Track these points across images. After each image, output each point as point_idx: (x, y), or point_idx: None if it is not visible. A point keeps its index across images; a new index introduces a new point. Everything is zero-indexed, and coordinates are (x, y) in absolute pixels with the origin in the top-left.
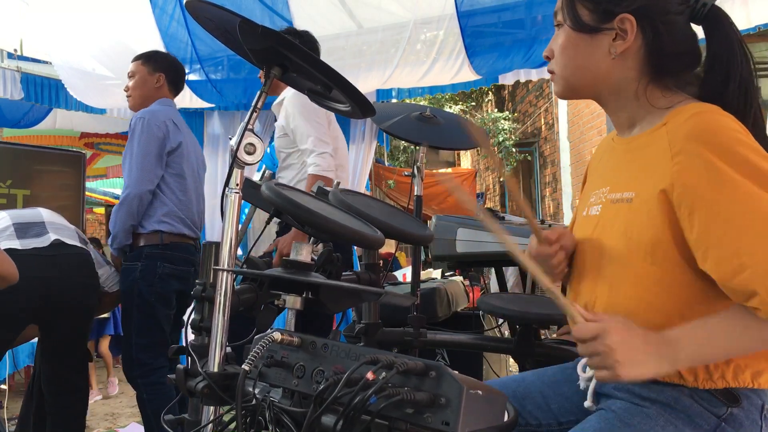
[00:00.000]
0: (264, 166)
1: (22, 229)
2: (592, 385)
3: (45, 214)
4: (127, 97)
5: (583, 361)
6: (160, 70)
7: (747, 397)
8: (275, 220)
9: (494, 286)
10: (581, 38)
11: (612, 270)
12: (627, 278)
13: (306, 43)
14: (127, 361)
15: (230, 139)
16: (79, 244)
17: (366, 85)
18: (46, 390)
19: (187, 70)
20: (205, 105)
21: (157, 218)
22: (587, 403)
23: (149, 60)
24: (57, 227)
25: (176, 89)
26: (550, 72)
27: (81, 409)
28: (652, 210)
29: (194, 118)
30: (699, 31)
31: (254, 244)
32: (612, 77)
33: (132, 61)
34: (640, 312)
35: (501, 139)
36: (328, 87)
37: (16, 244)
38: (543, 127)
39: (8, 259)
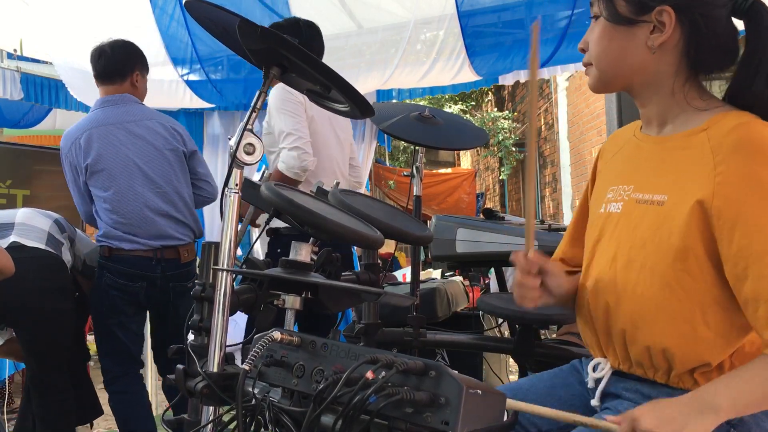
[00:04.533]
0: (264, 167)
1: None
2: (601, 386)
3: (21, 215)
4: None
5: (594, 361)
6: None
7: None
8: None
9: (494, 286)
10: (617, 30)
11: (637, 272)
12: (653, 282)
13: (311, 37)
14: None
15: (230, 139)
16: (43, 247)
17: (366, 85)
18: (31, 390)
19: (187, 70)
20: (205, 105)
21: (97, 236)
22: (594, 402)
23: None
24: (25, 229)
25: (104, 78)
26: (585, 65)
27: (65, 409)
28: (687, 217)
29: (194, 118)
30: None
31: (254, 243)
32: (648, 70)
33: None
34: (665, 317)
35: (500, 138)
36: (327, 87)
37: None
38: (543, 127)
39: (4, 252)
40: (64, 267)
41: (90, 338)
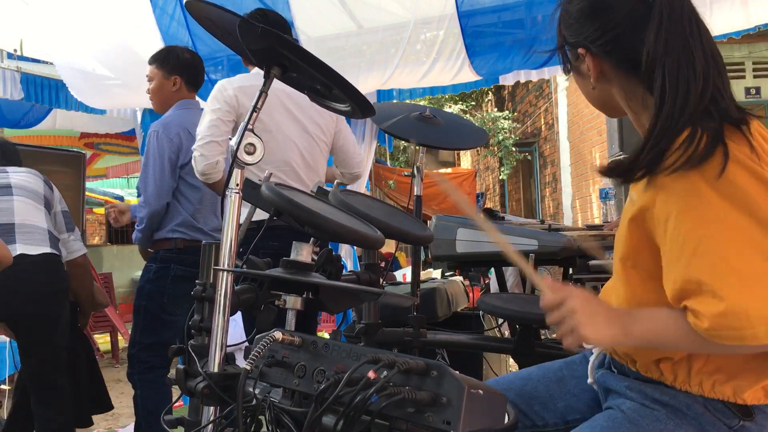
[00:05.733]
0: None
1: None
2: (592, 358)
3: (18, 212)
4: (150, 100)
5: (592, 358)
6: (175, 73)
7: (762, 411)
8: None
9: (494, 286)
10: (576, 77)
11: (615, 268)
12: (619, 277)
13: (274, 24)
14: (129, 357)
15: (230, 139)
16: (48, 250)
17: (366, 85)
18: (29, 387)
19: None
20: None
21: (171, 228)
22: (589, 380)
23: (163, 63)
24: (26, 231)
25: (195, 86)
26: None
27: (64, 406)
28: (638, 218)
29: None
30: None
31: (253, 243)
32: (610, 102)
33: (148, 64)
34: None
35: (501, 138)
36: (327, 87)
37: None
38: (543, 127)
39: (1, 242)
40: (62, 267)
41: (93, 336)
